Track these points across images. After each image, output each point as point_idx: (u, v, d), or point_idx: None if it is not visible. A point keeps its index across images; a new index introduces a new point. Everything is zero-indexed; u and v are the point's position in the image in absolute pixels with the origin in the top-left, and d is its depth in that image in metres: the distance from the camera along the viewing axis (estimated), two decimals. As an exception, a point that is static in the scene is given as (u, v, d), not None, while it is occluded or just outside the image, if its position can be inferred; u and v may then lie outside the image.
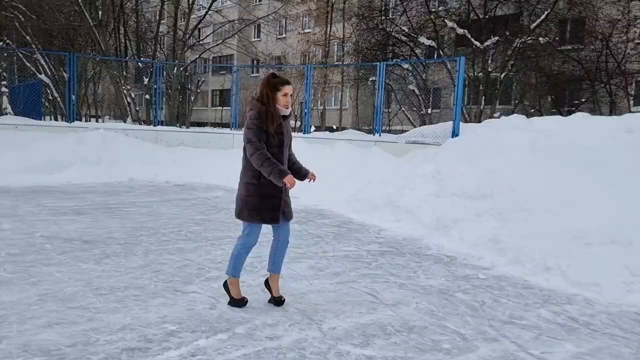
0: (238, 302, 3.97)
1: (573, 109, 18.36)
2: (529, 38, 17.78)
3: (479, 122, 16.59)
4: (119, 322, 3.59)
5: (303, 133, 12.72)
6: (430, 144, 10.28)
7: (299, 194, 9.65)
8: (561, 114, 18.11)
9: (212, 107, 37.74)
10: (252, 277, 4.66)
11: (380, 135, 11.56)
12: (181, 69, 20.34)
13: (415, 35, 19.42)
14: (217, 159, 12.32)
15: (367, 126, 23.83)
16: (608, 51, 16.29)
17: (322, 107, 21.78)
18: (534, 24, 18.00)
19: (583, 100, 18.16)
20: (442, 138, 10.16)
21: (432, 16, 19.37)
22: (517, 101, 20.49)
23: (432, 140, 10.40)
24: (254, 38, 32.20)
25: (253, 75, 34.35)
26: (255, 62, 32.59)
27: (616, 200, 6.09)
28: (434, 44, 19.39)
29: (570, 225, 5.73)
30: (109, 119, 36.10)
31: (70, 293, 4.13)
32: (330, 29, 22.44)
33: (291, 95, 3.85)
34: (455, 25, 18.22)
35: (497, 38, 17.96)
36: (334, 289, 4.54)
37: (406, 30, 19.36)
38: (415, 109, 20.28)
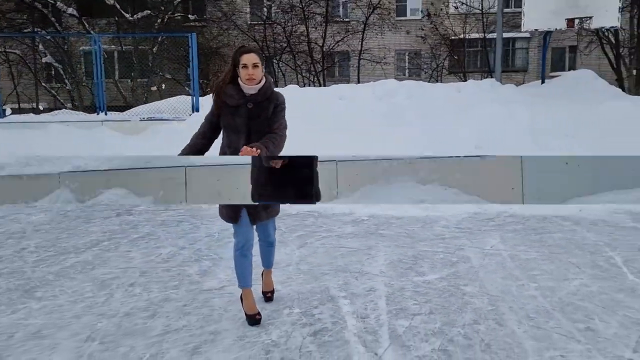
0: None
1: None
2: (177, 15, 18.82)
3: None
4: (228, 329, 3.30)
5: (-5, 118, 10.37)
6: (170, 119, 10.35)
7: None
8: (201, 87, 20.11)
9: None
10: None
11: (106, 114, 10.70)
12: None
13: (54, 2, 17.54)
14: None
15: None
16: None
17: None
18: (177, 0, 19.13)
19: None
20: (182, 113, 10.41)
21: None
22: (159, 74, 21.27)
23: (172, 115, 10.48)
24: None
25: None
26: None
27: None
28: (75, 13, 18.03)
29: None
30: None
31: (104, 327, 3.29)
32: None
33: (255, 65, 3.15)
34: (104, -4, 17.46)
35: (148, 12, 18.23)
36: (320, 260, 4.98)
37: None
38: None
